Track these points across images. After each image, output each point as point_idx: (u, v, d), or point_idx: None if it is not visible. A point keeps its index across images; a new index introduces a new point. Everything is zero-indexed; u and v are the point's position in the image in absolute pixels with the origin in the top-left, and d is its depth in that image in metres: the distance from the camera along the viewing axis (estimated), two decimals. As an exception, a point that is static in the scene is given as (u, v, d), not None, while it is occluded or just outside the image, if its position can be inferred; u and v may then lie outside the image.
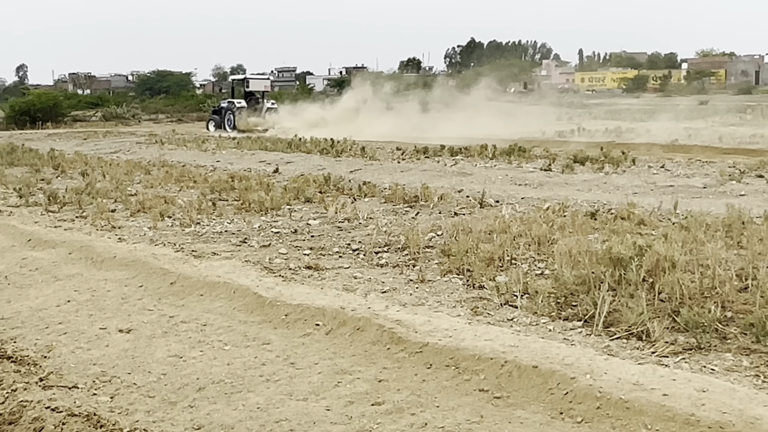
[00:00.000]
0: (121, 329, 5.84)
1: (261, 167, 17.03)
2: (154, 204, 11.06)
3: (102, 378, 4.94)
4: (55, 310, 6.48)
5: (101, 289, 6.94)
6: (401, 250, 7.92)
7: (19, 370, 5.08)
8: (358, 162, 17.54)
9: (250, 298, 6.19)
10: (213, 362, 5.08)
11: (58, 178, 15.55)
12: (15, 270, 7.79)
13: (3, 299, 6.91)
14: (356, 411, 4.22)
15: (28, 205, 11.81)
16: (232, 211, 10.70)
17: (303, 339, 5.39)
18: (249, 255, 7.91)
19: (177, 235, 9.05)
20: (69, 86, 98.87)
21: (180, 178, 14.53)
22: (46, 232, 9.31)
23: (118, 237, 9.04)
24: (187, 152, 21.86)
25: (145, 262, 7.50)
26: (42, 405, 4.41)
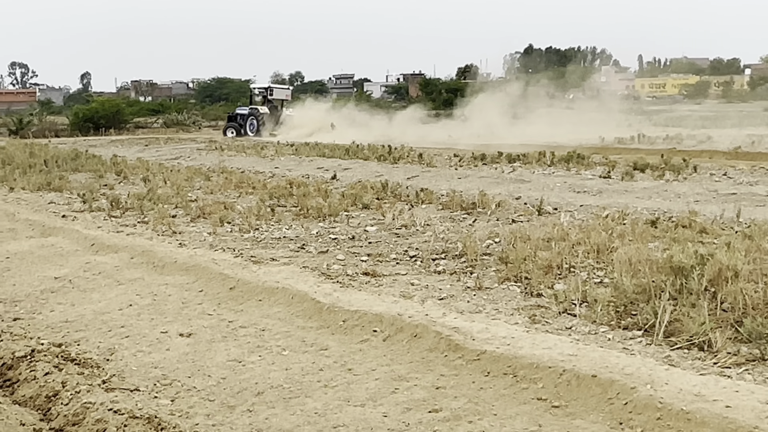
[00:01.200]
0: (181, 333, 5.93)
1: (319, 173, 17.14)
2: (214, 210, 11.20)
3: (163, 381, 5.02)
4: (118, 313, 6.59)
5: (162, 294, 7.05)
6: (458, 257, 7.92)
7: (83, 372, 5.18)
8: (416, 169, 17.56)
9: (308, 304, 6.24)
10: (271, 367, 5.13)
11: (120, 184, 15.83)
12: (79, 274, 7.95)
13: (67, 302, 7.06)
14: (413, 418, 4.22)
15: (92, 210, 12.04)
16: (291, 217, 10.79)
17: (360, 345, 5.41)
18: (307, 261, 7.97)
19: (236, 241, 9.15)
20: (131, 93, 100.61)
21: (239, 184, 14.69)
22: (108, 237, 9.48)
23: (178, 242, 9.18)
24: (246, 159, 22.10)
25: (205, 267, 7.60)
26: (105, 407, 4.49)
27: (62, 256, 8.80)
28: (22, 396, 4.99)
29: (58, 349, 5.63)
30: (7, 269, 8.37)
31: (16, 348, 5.63)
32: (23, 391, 5.04)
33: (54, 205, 12.97)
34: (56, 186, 15.18)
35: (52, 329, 6.27)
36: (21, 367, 5.35)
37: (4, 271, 8.29)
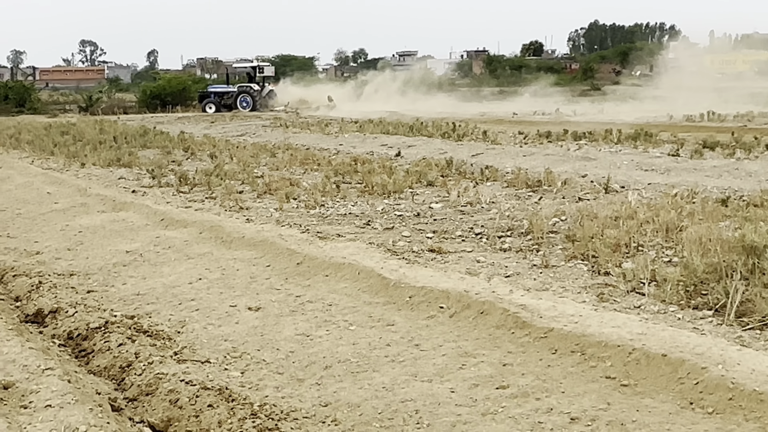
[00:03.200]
0: (250, 307, 6.02)
1: (383, 151, 17.15)
2: (280, 186, 11.30)
3: (233, 354, 5.10)
4: (188, 287, 6.71)
5: (230, 268, 7.15)
6: (524, 235, 7.88)
7: (155, 344, 5.29)
8: (480, 146, 17.46)
9: (375, 280, 6.27)
10: (339, 341, 5.18)
11: (188, 160, 16.05)
12: (149, 248, 8.10)
13: (138, 276, 7.21)
14: (481, 394, 4.23)
15: (161, 185, 12.25)
16: (356, 193, 10.83)
17: (427, 321, 5.43)
18: (373, 237, 8.01)
19: (302, 217, 9.23)
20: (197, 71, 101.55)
21: (304, 160, 14.78)
22: (177, 212, 9.64)
23: (245, 218, 9.28)
24: (311, 135, 22.22)
25: (272, 242, 7.68)
26: (177, 378, 4.58)
27: (133, 230, 8.98)
28: (97, 366, 5.12)
29: (131, 321, 5.76)
30: (80, 243, 8.57)
31: (91, 319, 5.78)
32: (98, 361, 5.17)
33: (124, 180, 13.23)
34: (126, 162, 15.46)
35: (124, 301, 6.41)
36: (95, 338, 5.48)
37: (77, 245, 8.49)
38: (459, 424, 3.91)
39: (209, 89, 44.24)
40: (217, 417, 4.09)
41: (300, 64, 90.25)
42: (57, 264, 7.75)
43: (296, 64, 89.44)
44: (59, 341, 5.64)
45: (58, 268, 7.53)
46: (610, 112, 29.95)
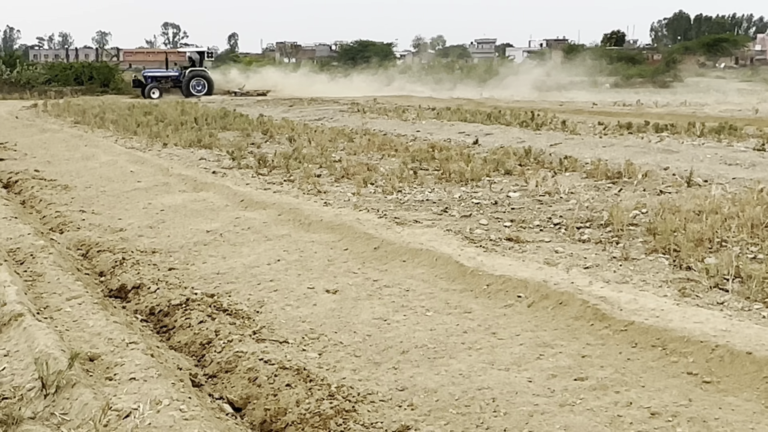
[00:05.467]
0: (327, 290, 6.07)
1: (460, 138, 17.07)
2: (358, 171, 11.35)
3: (310, 335, 5.15)
4: (266, 267, 6.80)
5: (308, 251, 7.22)
6: (604, 227, 7.77)
7: (234, 322, 5.38)
8: (559, 136, 17.25)
9: (452, 267, 6.27)
10: (416, 327, 5.19)
11: (266, 143, 16.20)
12: (229, 228, 8.22)
13: (218, 255, 7.33)
14: (559, 385, 4.20)
15: (240, 167, 12.40)
16: (433, 180, 10.82)
17: (504, 310, 5.41)
18: (450, 224, 7.99)
19: (380, 202, 9.26)
20: (276, 55, 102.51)
21: (382, 146, 14.80)
22: (257, 194, 9.76)
23: (323, 201, 9.35)
24: (388, 121, 22.23)
25: (350, 226, 7.73)
26: (256, 357, 4.65)
27: (213, 210, 9.12)
28: (178, 342, 5.23)
29: (211, 299, 5.86)
30: (162, 221, 8.74)
31: (172, 296, 5.90)
32: (179, 338, 5.28)
33: (204, 161, 13.43)
34: (206, 143, 15.70)
35: (204, 280, 6.52)
36: (177, 314, 5.59)
37: (159, 223, 8.66)
38: (536, 414, 3.89)
39: (145, 74, 43.67)
40: (295, 396, 4.14)
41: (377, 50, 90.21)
42: (140, 241, 7.92)
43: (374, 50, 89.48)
44: (141, 316, 5.77)
45: (140, 245, 7.70)
46: (693, 104, 29.33)
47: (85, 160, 13.97)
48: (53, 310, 5.36)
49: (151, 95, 40.08)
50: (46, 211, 9.67)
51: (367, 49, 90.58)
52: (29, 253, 6.83)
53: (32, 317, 4.87)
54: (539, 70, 56.81)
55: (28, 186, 11.39)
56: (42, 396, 3.88)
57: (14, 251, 6.93)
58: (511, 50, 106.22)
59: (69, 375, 3.94)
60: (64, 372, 3.94)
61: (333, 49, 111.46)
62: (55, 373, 3.92)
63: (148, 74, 43.34)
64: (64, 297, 5.64)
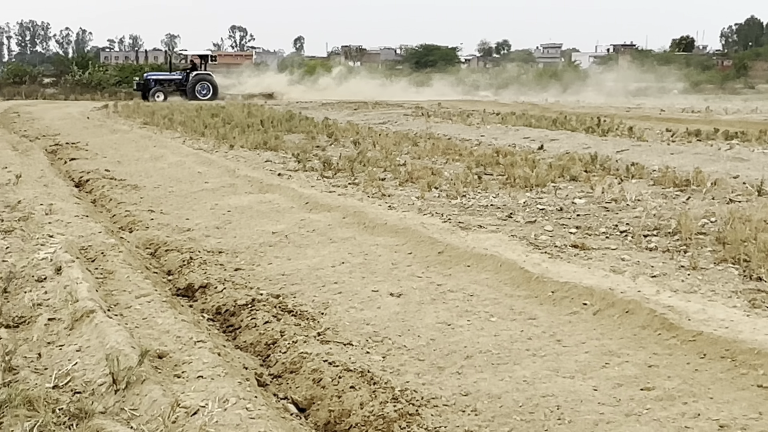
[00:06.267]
0: (391, 293, 6.09)
1: (525, 143, 16.97)
2: (422, 175, 11.36)
3: (374, 338, 5.18)
4: (331, 270, 6.84)
5: (373, 254, 7.25)
6: (671, 235, 7.66)
7: (299, 323, 5.43)
8: (625, 142, 17.04)
9: (517, 273, 6.24)
10: (480, 332, 5.18)
11: (331, 146, 16.31)
12: (294, 230, 8.29)
13: (284, 256, 7.40)
14: (625, 394, 4.16)
15: (305, 170, 12.50)
16: (497, 185, 10.77)
17: (569, 317, 5.37)
18: (514, 230, 7.96)
19: (444, 206, 9.26)
20: (341, 58, 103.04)
21: (446, 150, 14.79)
22: (321, 196, 9.83)
23: (388, 205, 9.38)
24: (452, 125, 22.20)
25: (414, 230, 7.74)
26: (320, 358, 4.69)
27: (279, 212, 9.21)
28: (243, 341, 5.29)
29: (276, 300, 5.92)
30: (229, 222, 8.86)
31: (238, 296, 5.97)
32: (244, 337, 5.35)
33: (270, 163, 13.57)
34: (272, 145, 15.85)
35: (270, 281, 6.59)
36: (242, 314, 5.67)
37: (226, 224, 8.78)
38: (602, 423, 3.86)
39: (148, 77, 43.34)
40: (359, 399, 4.17)
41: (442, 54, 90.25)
42: (206, 241, 8.03)
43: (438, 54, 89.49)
44: (208, 315, 5.86)
45: (207, 245, 7.81)
46: (764, 111, 28.74)
47: (154, 161, 14.22)
48: (123, 308, 5.48)
49: (155, 98, 39.97)
50: (116, 210, 9.87)
51: (431, 53, 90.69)
52: (100, 251, 6.97)
53: (103, 314, 4.98)
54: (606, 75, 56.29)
55: (98, 185, 11.63)
56: (112, 391, 3.97)
57: (86, 249, 7.08)
58: (577, 55, 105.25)
59: (139, 371, 4.02)
60: (134, 368, 4.02)
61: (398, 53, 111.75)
62: (126, 369, 4.01)
63: (151, 77, 43.22)
64: (134, 295, 5.75)
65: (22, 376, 4.26)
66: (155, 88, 41.61)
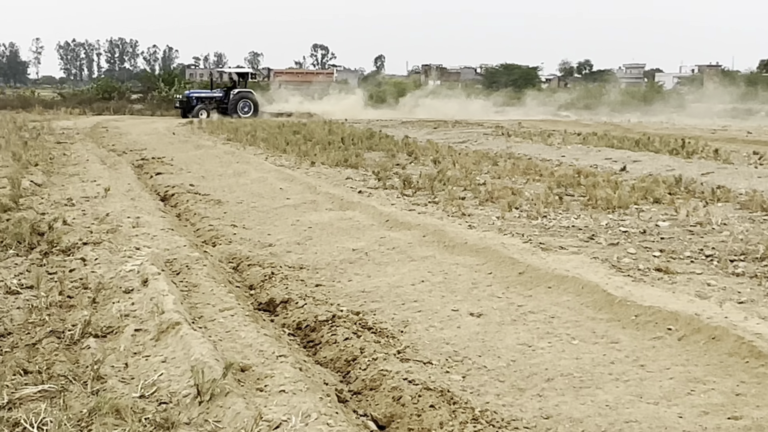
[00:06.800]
0: (471, 313, 6.07)
1: (607, 164, 16.76)
2: (502, 194, 11.31)
3: (454, 357, 5.17)
4: (410, 288, 6.85)
5: (452, 273, 7.24)
6: (759, 261, 7.48)
7: (379, 341, 5.44)
8: (711, 164, 16.70)
9: (599, 295, 6.16)
10: (561, 355, 5.13)
11: (411, 164, 16.35)
12: (374, 247, 8.33)
13: (364, 273, 7.44)
14: (711, 423, 4.07)
15: (386, 188, 12.56)
16: (579, 206, 10.67)
17: (653, 342, 5.28)
18: (596, 252, 7.87)
19: (524, 227, 9.20)
20: (421, 77, 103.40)
21: (526, 170, 14.71)
22: (401, 214, 9.85)
23: (468, 224, 9.37)
24: (533, 145, 22.06)
25: (495, 250, 7.71)
26: (400, 376, 4.69)
27: (359, 229, 9.26)
28: (324, 357, 5.33)
29: (356, 317, 5.95)
30: (310, 238, 8.94)
31: (319, 312, 6.02)
32: (324, 353, 5.38)
33: (351, 180, 13.68)
34: (352, 163, 15.98)
35: (350, 297, 6.63)
36: (323, 330, 5.71)
37: (307, 240, 8.86)
38: (687, 451, 3.78)
39: (189, 95, 43.51)
40: (438, 418, 4.16)
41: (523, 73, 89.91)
42: (288, 257, 8.12)
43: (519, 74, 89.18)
44: (289, 330, 5.91)
45: (288, 261, 7.90)
46: None
47: (237, 176, 14.45)
48: (207, 320, 5.58)
49: (200, 116, 40.01)
50: (199, 224, 10.05)
51: (512, 72, 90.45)
52: (185, 264, 7.11)
53: (188, 326, 5.08)
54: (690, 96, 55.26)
55: (183, 199, 11.87)
56: (197, 403, 4.04)
57: (171, 262, 7.23)
58: (660, 75, 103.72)
59: (222, 384, 4.08)
60: (218, 381, 4.09)
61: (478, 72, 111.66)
62: (210, 381, 4.08)
63: (193, 95, 43.47)
64: (217, 308, 5.85)
65: (110, 385, 4.37)
66: (199, 106, 41.85)
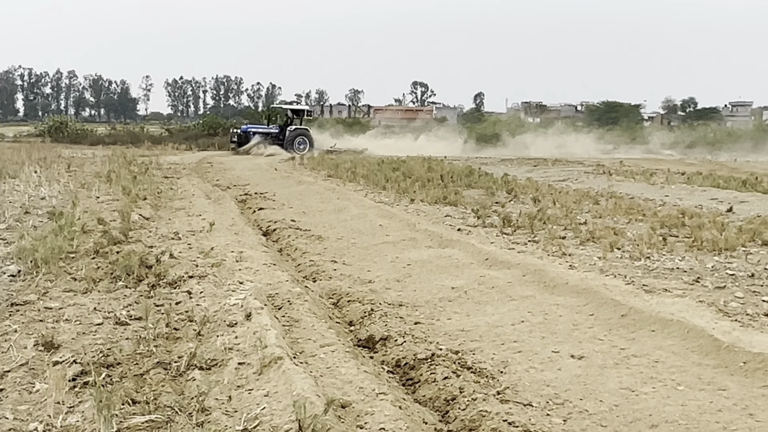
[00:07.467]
0: (572, 355, 5.99)
1: (712, 205, 16.36)
2: (604, 234, 11.15)
3: (555, 400, 5.11)
4: (510, 328, 6.81)
5: (553, 314, 7.16)
6: None
7: (479, 381, 5.42)
8: (823, 206, 16.12)
9: (705, 340, 6.01)
10: (666, 401, 5.01)
11: (510, 202, 16.27)
12: (473, 286, 8.31)
13: (463, 312, 7.42)
14: (825, 476, 3.92)
15: (485, 226, 12.53)
16: (683, 248, 10.43)
17: (763, 390, 5.12)
18: (702, 295, 7.67)
19: (627, 268, 9.04)
20: (521, 114, 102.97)
21: (629, 210, 14.46)
22: (501, 253, 9.81)
23: (568, 264, 9.26)
24: (635, 184, 21.69)
25: (596, 291, 7.60)
26: (500, 417, 4.67)
27: (458, 267, 9.25)
28: (422, 396, 5.33)
29: (455, 356, 5.94)
30: (409, 275, 8.98)
31: (418, 350, 6.03)
32: (423, 392, 5.38)
33: (450, 218, 13.68)
34: (451, 200, 15.99)
35: (449, 336, 6.62)
36: (422, 368, 5.71)
37: (406, 277, 8.90)
38: (800, 506, 3.64)
39: (247, 129, 43.68)
40: (539, 461, 4.11)
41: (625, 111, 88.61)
42: (387, 294, 8.16)
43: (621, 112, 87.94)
44: (388, 367, 5.93)
45: (388, 298, 7.93)
46: None
47: (337, 213, 14.62)
48: (308, 356, 5.64)
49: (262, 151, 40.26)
50: (300, 259, 10.19)
51: (613, 110, 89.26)
52: (286, 299, 7.22)
53: (290, 361, 5.15)
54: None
55: (284, 235, 12.06)
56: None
57: (273, 296, 7.35)
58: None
59: (324, 420, 4.13)
60: (320, 416, 4.13)
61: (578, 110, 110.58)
62: (311, 416, 4.12)
63: (250, 129, 43.75)
64: (318, 344, 5.92)
65: (214, 418, 4.46)
66: (259, 140, 42.20)
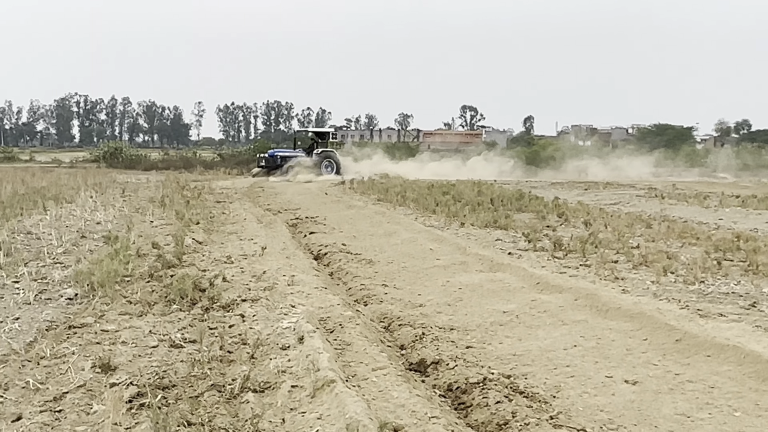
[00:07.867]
0: (626, 380, 5.94)
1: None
2: (657, 258, 11.04)
3: (609, 425, 5.07)
4: (563, 352, 6.77)
5: (606, 338, 7.11)
6: None
7: (531, 405, 5.40)
8: None
9: (762, 366, 5.92)
10: (722, 427, 4.95)
11: (561, 226, 16.17)
12: (525, 310, 8.28)
13: (514, 336, 7.40)
14: None
15: (536, 249, 12.48)
16: (739, 272, 10.29)
17: (823, 417, 5.03)
18: (758, 320, 7.56)
19: (681, 292, 8.95)
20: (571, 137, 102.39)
21: (682, 233, 14.30)
22: (552, 277, 9.76)
23: (621, 288, 9.19)
24: (688, 208, 21.45)
25: (650, 315, 7.53)
26: (553, 442, 4.65)
27: (509, 291, 9.23)
28: (475, 420, 5.33)
29: (508, 380, 5.92)
30: (460, 299, 8.97)
31: (470, 374, 6.03)
32: (476, 416, 5.38)
33: (500, 242, 13.65)
34: (502, 224, 15.95)
35: (501, 360, 6.61)
36: (474, 392, 5.71)
37: (457, 301, 8.89)
38: None
39: (274, 154, 43.77)
40: (593, 487, 4.08)
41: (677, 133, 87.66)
42: (438, 318, 8.17)
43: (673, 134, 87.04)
44: (439, 392, 5.94)
45: (439, 322, 7.94)
46: None
47: (387, 237, 14.65)
48: (360, 379, 5.67)
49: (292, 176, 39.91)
50: (351, 283, 10.24)
51: (665, 132, 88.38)
52: (338, 323, 7.27)
53: (343, 384, 5.18)
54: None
55: (335, 258, 12.13)
56: (352, 461, 4.11)
57: (325, 320, 7.40)
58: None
59: (377, 443, 4.15)
60: (373, 439, 4.16)
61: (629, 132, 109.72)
62: (364, 440, 4.15)
63: (278, 154, 43.81)
64: (370, 367, 5.95)
65: (268, 440, 4.50)
66: (288, 164, 42.02)
